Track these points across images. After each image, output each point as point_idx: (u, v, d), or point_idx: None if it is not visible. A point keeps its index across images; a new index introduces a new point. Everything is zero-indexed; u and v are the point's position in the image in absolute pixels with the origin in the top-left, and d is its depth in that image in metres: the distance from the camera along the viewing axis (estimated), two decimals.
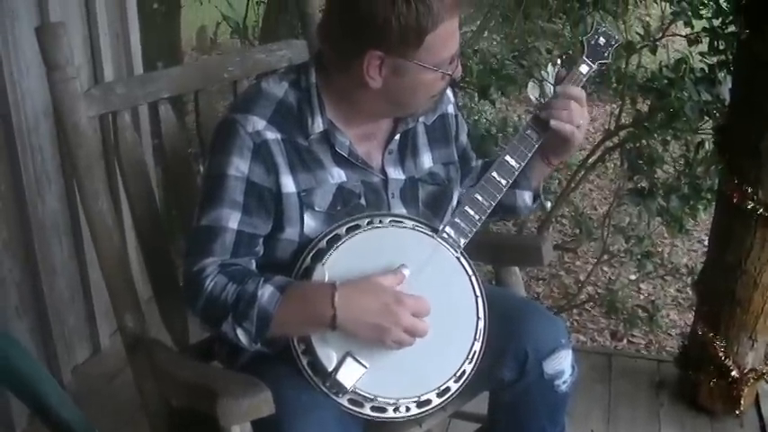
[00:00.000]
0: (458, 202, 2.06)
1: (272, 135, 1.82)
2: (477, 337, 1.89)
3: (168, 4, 5.09)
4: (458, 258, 1.91)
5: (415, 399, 1.82)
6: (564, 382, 2.01)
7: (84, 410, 2.46)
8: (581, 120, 1.99)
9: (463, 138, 2.17)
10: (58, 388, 2.27)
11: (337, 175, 1.88)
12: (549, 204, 4.32)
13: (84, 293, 3.25)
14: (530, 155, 2.00)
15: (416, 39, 1.74)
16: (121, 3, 3.30)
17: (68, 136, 1.94)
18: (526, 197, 2.19)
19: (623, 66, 3.72)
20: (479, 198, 1.94)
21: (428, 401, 1.84)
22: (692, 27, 3.40)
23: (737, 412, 2.97)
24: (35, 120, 2.83)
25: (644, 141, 3.80)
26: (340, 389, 1.77)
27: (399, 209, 1.96)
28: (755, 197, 2.70)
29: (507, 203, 2.14)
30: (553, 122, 1.97)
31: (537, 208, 2.28)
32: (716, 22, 3.14)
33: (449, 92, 2.05)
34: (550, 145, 2.05)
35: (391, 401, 1.80)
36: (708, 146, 3.54)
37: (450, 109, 2.10)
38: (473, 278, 1.92)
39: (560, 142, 2.03)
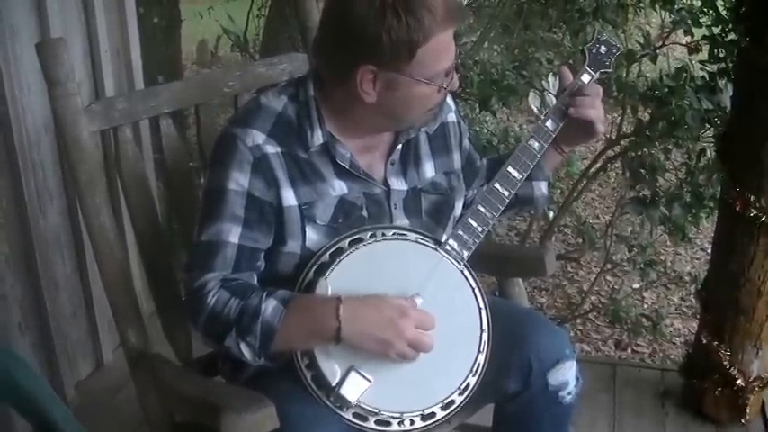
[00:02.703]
0: (461, 211, 2.05)
1: (271, 149, 1.82)
2: (481, 349, 1.88)
3: (168, 19, 5.09)
4: (461, 271, 1.90)
5: (420, 412, 1.81)
6: (568, 393, 2.00)
7: (87, 425, 2.44)
8: (602, 114, 2.02)
9: (466, 142, 2.17)
10: (62, 404, 2.26)
11: (339, 187, 1.88)
12: (551, 214, 4.32)
13: (87, 308, 3.24)
14: (532, 165, 2.00)
15: (408, 53, 1.74)
16: (122, 18, 3.31)
17: (69, 151, 1.95)
18: (542, 186, 2.20)
19: (624, 75, 3.72)
20: (482, 210, 1.94)
21: (433, 414, 1.84)
22: (692, 35, 3.40)
23: (743, 420, 2.96)
24: (36, 135, 2.83)
25: (645, 150, 3.80)
26: (344, 403, 1.76)
27: (402, 220, 1.95)
28: (758, 205, 2.69)
29: (525, 196, 2.16)
30: (573, 111, 2.01)
31: (551, 196, 2.29)
32: (716, 30, 3.14)
33: (449, 100, 2.05)
34: (568, 135, 2.07)
35: (396, 415, 1.80)
36: (709, 154, 3.53)
37: (451, 117, 2.10)
38: (476, 290, 1.91)
39: (582, 134, 2.07)
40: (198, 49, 8.87)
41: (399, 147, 1.97)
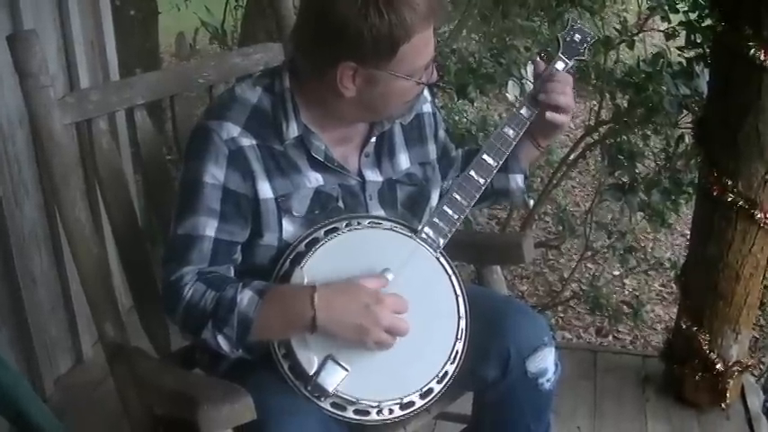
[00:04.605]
0: (437, 202, 2.05)
1: (247, 141, 1.81)
2: (459, 336, 1.88)
3: (145, 11, 5.07)
4: (437, 258, 1.90)
5: (398, 401, 1.81)
6: (548, 381, 2.00)
7: (67, 420, 2.44)
8: (571, 102, 2.03)
9: (441, 133, 2.16)
10: (38, 400, 2.25)
11: (314, 179, 1.87)
12: (531, 202, 4.33)
13: (66, 303, 3.21)
14: (507, 153, 1.99)
15: (390, 50, 1.73)
16: (96, 11, 3.27)
17: (43, 144, 1.93)
18: (518, 179, 2.19)
19: (602, 61, 3.73)
20: (458, 197, 1.93)
21: (411, 403, 1.83)
22: (669, 21, 3.42)
23: (723, 405, 2.97)
24: (11, 128, 2.80)
25: (624, 136, 3.81)
26: (322, 392, 1.76)
27: (377, 211, 1.95)
28: (735, 189, 2.70)
29: (501, 187, 2.16)
30: (548, 115, 2.01)
31: (526, 190, 2.28)
32: (692, 16, 3.16)
33: (425, 91, 2.04)
34: (540, 128, 2.06)
35: (374, 404, 1.79)
36: (688, 139, 3.55)
37: (427, 108, 2.09)
38: (453, 277, 1.91)
39: (550, 125, 2.05)
40: (176, 42, 8.83)
41: (373, 139, 1.96)
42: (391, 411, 1.82)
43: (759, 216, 2.71)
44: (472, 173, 1.96)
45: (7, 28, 2.76)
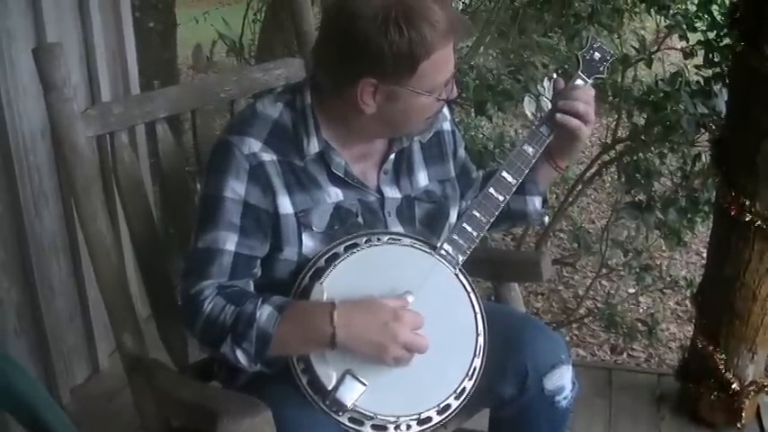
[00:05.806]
0: (456, 219, 2.05)
1: (268, 156, 1.82)
2: (477, 353, 1.88)
3: (164, 23, 5.08)
4: (456, 275, 1.90)
5: (416, 416, 1.81)
6: (564, 398, 2.00)
7: (83, 431, 2.44)
8: (591, 111, 2.00)
9: (461, 152, 2.17)
10: (58, 409, 2.25)
11: (334, 194, 1.88)
12: (547, 219, 4.33)
13: (83, 313, 3.23)
14: (526, 170, 1.99)
15: (410, 67, 1.74)
16: (117, 22, 3.30)
17: (66, 156, 1.94)
18: (536, 202, 2.19)
19: (619, 79, 3.73)
20: (477, 215, 1.94)
21: (428, 419, 1.83)
22: (687, 40, 3.42)
23: (739, 425, 2.95)
24: (32, 139, 2.83)
25: (641, 155, 3.81)
26: (340, 407, 1.76)
27: (396, 227, 1.95)
28: (753, 209, 2.69)
29: (518, 210, 2.16)
30: (559, 117, 1.98)
31: (545, 212, 2.28)
32: (711, 35, 3.16)
33: (444, 109, 2.05)
34: (557, 146, 2.06)
35: (392, 419, 1.79)
36: (705, 158, 3.55)
37: (446, 126, 2.10)
38: (472, 295, 1.91)
39: (568, 140, 2.03)
40: (194, 54, 8.87)
41: (392, 156, 1.97)
42: (409, 427, 1.82)
43: None
44: (491, 190, 1.96)
45: (31, 38, 2.79)
